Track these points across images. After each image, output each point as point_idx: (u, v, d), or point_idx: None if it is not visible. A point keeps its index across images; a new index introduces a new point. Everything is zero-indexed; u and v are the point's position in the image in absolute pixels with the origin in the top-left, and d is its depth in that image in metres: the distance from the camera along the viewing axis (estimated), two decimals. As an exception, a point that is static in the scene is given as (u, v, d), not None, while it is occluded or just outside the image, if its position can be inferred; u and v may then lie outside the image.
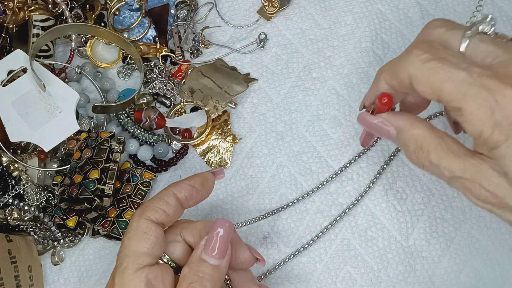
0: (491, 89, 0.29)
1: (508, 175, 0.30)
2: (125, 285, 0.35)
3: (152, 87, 0.53)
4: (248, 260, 0.41)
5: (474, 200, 0.32)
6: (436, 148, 0.33)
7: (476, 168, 0.31)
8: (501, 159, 0.30)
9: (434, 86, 0.32)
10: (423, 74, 0.32)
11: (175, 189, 0.39)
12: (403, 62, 0.33)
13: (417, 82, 0.33)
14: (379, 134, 0.37)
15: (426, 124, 0.34)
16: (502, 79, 0.30)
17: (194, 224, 0.40)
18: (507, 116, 0.29)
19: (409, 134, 0.34)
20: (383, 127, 0.36)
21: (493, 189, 0.31)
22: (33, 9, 0.51)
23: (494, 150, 0.30)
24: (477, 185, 0.32)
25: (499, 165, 0.30)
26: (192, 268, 0.36)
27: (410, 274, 0.47)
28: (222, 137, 0.52)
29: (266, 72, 0.53)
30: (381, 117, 0.36)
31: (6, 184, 0.49)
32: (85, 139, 0.49)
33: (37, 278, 0.49)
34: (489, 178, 0.31)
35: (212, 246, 0.36)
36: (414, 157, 0.35)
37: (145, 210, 0.37)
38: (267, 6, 0.54)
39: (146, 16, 0.54)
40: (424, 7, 0.53)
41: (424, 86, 0.32)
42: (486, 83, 0.30)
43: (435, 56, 0.32)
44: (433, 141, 0.33)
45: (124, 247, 0.36)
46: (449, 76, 0.31)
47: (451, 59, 0.32)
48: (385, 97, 0.36)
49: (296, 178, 0.50)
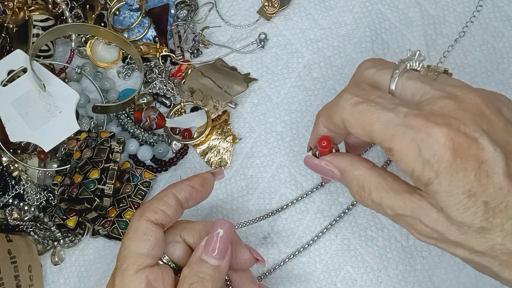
0: (417, 128, 0.30)
1: (443, 210, 0.30)
2: (126, 286, 0.35)
3: (152, 87, 0.53)
4: (248, 261, 0.41)
5: (418, 236, 0.33)
6: (377, 187, 0.34)
7: (415, 204, 0.32)
8: (435, 195, 0.30)
9: (365, 129, 0.32)
10: (353, 117, 0.33)
11: (175, 190, 0.39)
12: (335, 106, 0.34)
13: (350, 125, 0.33)
14: (325, 175, 0.38)
15: (366, 165, 0.35)
16: (428, 117, 0.30)
17: (194, 224, 0.40)
18: (434, 154, 0.29)
19: (351, 175, 0.35)
20: (327, 169, 0.37)
21: (433, 225, 0.31)
22: (33, 9, 0.51)
23: (428, 186, 0.31)
24: (417, 221, 0.32)
25: (435, 200, 0.31)
26: (193, 269, 0.36)
27: (410, 274, 0.47)
28: (222, 137, 0.52)
29: (266, 72, 0.53)
30: (324, 159, 0.37)
31: (6, 184, 0.49)
32: (85, 139, 0.49)
33: (37, 278, 0.49)
34: (428, 213, 0.32)
35: (212, 247, 0.37)
36: (358, 197, 0.35)
37: (145, 211, 0.37)
38: (267, 6, 0.54)
39: (146, 16, 0.54)
40: (424, 7, 0.53)
41: (356, 129, 0.33)
42: (412, 122, 0.30)
43: (363, 98, 0.33)
44: (374, 181, 0.34)
45: (124, 248, 0.36)
46: (377, 118, 0.32)
47: (379, 101, 0.32)
48: (324, 141, 0.37)
49: (296, 178, 0.50)
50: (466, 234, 0.30)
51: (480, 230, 0.30)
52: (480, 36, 0.51)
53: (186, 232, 0.39)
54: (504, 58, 0.51)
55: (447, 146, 0.29)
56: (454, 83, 0.32)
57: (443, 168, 0.29)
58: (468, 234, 0.30)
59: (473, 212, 0.29)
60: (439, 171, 0.29)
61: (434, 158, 0.30)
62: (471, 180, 0.29)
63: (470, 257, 0.31)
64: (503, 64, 0.51)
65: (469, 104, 0.31)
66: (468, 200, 0.29)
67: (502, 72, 0.51)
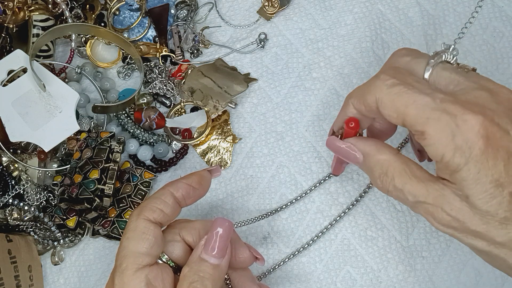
0: (453, 114, 0.30)
1: (469, 198, 0.31)
2: (125, 285, 0.35)
3: (152, 87, 0.53)
4: (248, 259, 0.41)
5: (436, 224, 0.33)
6: (401, 174, 0.34)
7: (438, 192, 0.32)
8: (462, 182, 0.31)
9: (399, 110, 0.33)
10: (389, 98, 0.33)
11: (172, 188, 0.39)
12: (371, 87, 0.34)
13: (383, 106, 0.33)
14: (346, 159, 0.38)
15: (392, 150, 0.35)
16: (463, 105, 0.31)
17: (193, 223, 0.40)
18: (467, 141, 0.30)
19: (375, 159, 0.36)
20: (350, 152, 0.37)
21: (455, 213, 0.32)
22: (33, 9, 0.51)
23: (455, 173, 0.31)
24: (439, 209, 0.32)
25: (460, 189, 0.31)
26: (193, 268, 0.36)
27: (410, 274, 0.47)
28: (222, 137, 0.52)
29: (266, 72, 0.53)
30: (349, 142, 0.37)
31: (6, 184, 0.49)
32: (85, 139, 0.49)
33: (37, 278, 0.49)
34: (451, 202, 0.32)
35: (212, 246, 0.37)
36: (379, 182, 0.35)
37: (143, 210, 0.37)
38: (267, 6, 0.54)
39: (146, 16, 0.54)
40: (424, 7, 0.53)
41: (390, 110, 0.33)
42: (448, 108, 0.31)
43: (401, 81, 0.33)
44: (398, 167, 0.34)
45: (123, 248, 0.36)
46: (414, 101, 0.32)
47: (416, 85, 0.33)
48: (352, 122, 0.37)
49: (296, 178, 0.50)
50: (488, 224, 0.31)
51: (503, 221, 0.30)
52: (480, 36, 0.51)
53: (185, 231, 0.39)
54: (504, 58, 0.51)
55: (481, 134, 0.30)
56: (485, 78, 0.33)
57: (474, 155, 0.30)
58: (490, 224, 0.31)
59: (498, 201, 0.30)
60: (470, 158, 0.30)
61: (466, 145, 0.30)
62: (500, 170, 0.30)
63: (488, 248, 0.32)
64: (503, 64, 0.51)
65: (502, 98, 0.32)
66: (495, 190, 0.30)
67: (502, 72, 0.50)
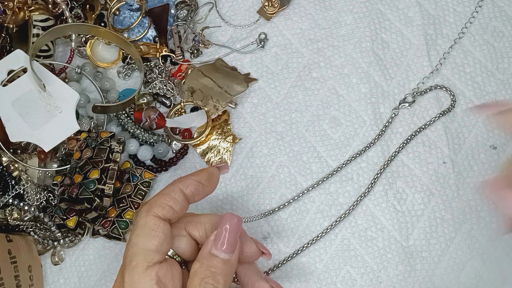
0: None
1: None
2: (136, 283, 0.35)
3: (152, 87, 0.53)
4: (254, 254, 0.40)
5: None
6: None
7: None
8: None
9: None
10: None
11: (182, 185, 0.39)
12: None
13: None
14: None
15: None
16: None
17: (199, 217, 0.39)
18: None
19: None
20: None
21: None
22: (33, 9, 0.51)
23: None
24: None
25: None
26: (204, 264, 0.36)
27: (410, 274, 0.47)
28: (222, 137, 0.52)
29: (266, 72, 0.53)
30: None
31: (6, 184, 0.49)
32: (85, 139, 0.49)
33: (37, 278, 0.49)
34: None
35: (221, 241, 0.36)
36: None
37: (152, 206, 0.37)
38: (267, 6, 0.54)
39: (146, 16, 0.54)
40: (424, 7, 0.53)
41: None
42: None
43: None
44: None
45: (132, 245, 0.36)
46: None
47: None
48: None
49: (296, 178, 0.50)
50: None
51: None
52: (480, 36, 0.51)
53: (191, 225, 0.39)
54: (504, 58, 0.51)
55: None
56: None
57: None
58: None
59: None
60: None
61: None
62: None
63: None
64: (503, 64, 0.51)
65: None
66: None
67: (502, 72, 0.50)
